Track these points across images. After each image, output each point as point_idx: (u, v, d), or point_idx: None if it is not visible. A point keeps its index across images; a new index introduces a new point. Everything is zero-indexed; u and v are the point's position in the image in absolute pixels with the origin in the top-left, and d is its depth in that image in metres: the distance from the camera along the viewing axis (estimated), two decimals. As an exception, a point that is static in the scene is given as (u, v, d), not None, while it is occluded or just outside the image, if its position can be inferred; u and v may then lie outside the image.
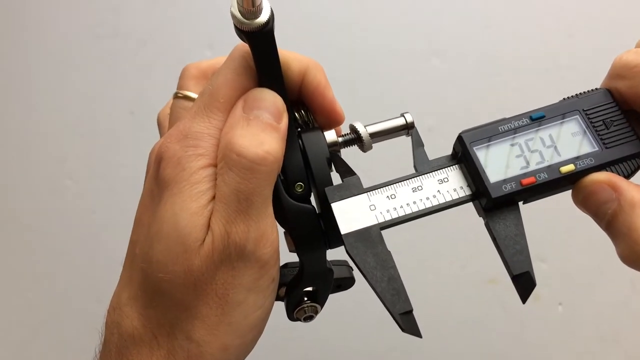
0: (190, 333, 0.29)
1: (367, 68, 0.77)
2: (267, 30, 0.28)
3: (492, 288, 0.72)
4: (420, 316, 0.30)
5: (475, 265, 0.72)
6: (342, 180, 0.31)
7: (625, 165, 0.30)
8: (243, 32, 0.29)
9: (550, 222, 0.71)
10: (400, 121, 0.33)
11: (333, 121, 0.33)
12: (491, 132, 0.31)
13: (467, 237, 0.72)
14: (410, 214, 0.31)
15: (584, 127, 0.31)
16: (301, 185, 0.31)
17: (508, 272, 0.30)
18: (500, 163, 0.31)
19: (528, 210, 0.29)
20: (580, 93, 0.32)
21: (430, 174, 0.32)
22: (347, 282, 0.38)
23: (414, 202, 0.31)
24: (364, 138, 0.32)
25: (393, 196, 0.31)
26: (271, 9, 0.28)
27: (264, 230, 0.29)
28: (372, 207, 0.31)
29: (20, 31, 0.86)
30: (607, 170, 0.30)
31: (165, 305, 0.29)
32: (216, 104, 0.30)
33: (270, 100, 0.30)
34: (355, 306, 0.72)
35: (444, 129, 0.73)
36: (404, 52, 0.77)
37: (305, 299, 0.35)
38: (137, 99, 0.81)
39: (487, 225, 0.31)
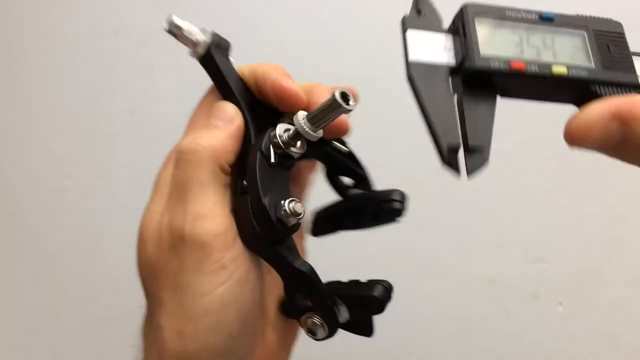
0: (157, 319, 0.32)
1: (367, 70, 0.77)
2: (207, 56, 0.35)
3: (492, 288, 0.72)
4: (420, 316, 0.30)
5: (475, 265, 0.72)
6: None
7: (615, 91, 0.29)
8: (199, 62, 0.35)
9: (550, 222, 0.71)
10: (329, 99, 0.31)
11: (289, 102, 0.34)
12: (497, 13, 0.29)
13: (467, 237, 0.72)
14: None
15: (588, 44, 0.29)
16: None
17: (463, 143, 0.27)
18: (496, 42, 0.29)
19: (528, 210, 0.29)
20: (595, 17, 0.31)
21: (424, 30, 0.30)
22: (371, 302, 0.34)
23: None
24: (298, 124, 0.32)
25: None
26: (211, 37, 0.35)
27: (200, 212, 0.31)
28: (447, 48, 0.29)
29: (20, 31, 0.86)
30: (596, 90, 0.28)
31: (145, 295, 0.34)
32: (191, 122, 0.36)
33: (221, 108, 0.34)
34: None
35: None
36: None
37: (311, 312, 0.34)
38: (137, 99, 0.81)
39: (459, 101, 0.28)
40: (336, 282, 0.35)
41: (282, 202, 0.30)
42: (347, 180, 0.40)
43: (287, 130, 0.32)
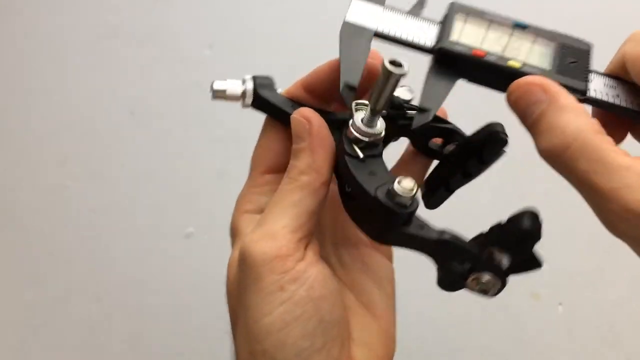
0: (235, 339, 0.33)
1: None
2: (256, 100, 0.37)
3: (492, 288, 0.72)
4: (420, 316, 0.30)
5: (475, 265, 0.72)
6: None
7: None
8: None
9: (550, 222, 0.71)
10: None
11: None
12: (476, 13, 0.34)
13: (467, 237, 0.72)
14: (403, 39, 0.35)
15: (552, 53, 0.33)
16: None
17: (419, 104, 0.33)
18: (466, 33, 0.33)
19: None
20: (568, 35, 0.34)
21: (413, 17, 0.35)
22: (524, 235, 0.31)
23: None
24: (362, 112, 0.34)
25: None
26: (253, 82, 0.37)
27: (267, 233, 0.31)
28: (380, 18, 0.35)
29: (20, 31, 0.86)
30: None
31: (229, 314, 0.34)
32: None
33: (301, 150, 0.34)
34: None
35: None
36: (403, 52, 0.77)
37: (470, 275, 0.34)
38: (137, 99, 0.81)
39: (427, 75, 0.34)
40: (479, 235, 0.35)
41: (390, 186, 0.30)
42: (438, 141, 0.40)
43: (354, 123, 0.32)
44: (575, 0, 0.81)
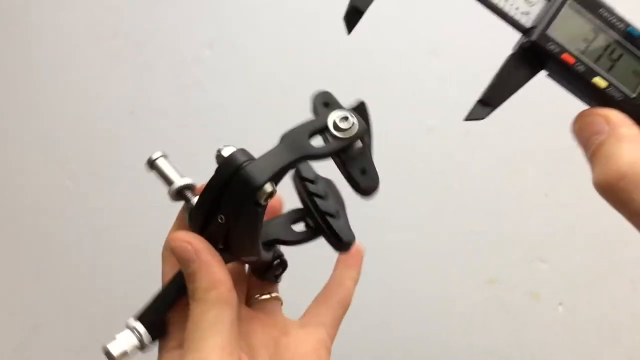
0: None
1: (366, 68, 0.77)
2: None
3: (492, 288, 0.72)
4: (420, 315, 0.30)
5: (475, 265, 0.72)
6: None
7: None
8: None
9: (550, 222, 0.71)
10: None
11: None
12: (593, 5, 0.31)
13: (467, 237, 0.72)
14: None
15: None
16: None
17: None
18: (568, 29, 0.30)
19: (528, 210, 0.29)
20: None
21: None
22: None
23: None
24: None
25: None
26: None
27: None
28: None
29: (20, 31, 0.86)
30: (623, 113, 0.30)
31: None
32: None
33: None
34: (354, 306, 0.72)
35: (444, 129, 0.73)
36: (403, 52, 0.77)
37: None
38: (137, 99, 0.81)
39: (509, 57, 0.31)
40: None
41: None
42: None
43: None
44: None
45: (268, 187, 0.31)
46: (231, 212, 0.32)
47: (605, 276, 0.71)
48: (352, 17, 0.32)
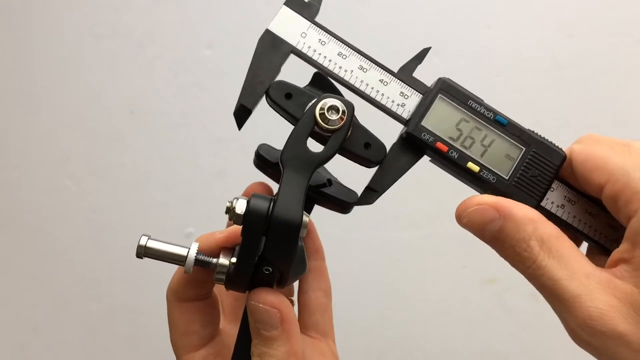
0: None
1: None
2: None
3: (492, 288, 0.72)
4: (420, 315, 0.30)
5: (475, 265, 0.72)
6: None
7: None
8: None
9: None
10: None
11: None
12: (462, 98, 0.34)
13: (467, 237, 0.72)
14: (325, 67, 0.34)
15: (518, 159, 0.33)
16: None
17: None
18: (442, 119, 0.33)
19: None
20: (547, 139, 0.33)
21: (399, 80, 0.35)
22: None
23: (346, 70, 0.34)
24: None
25: (342, 54, 0.35)
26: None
27: None
28: (303, 35, 0.34)
29: (20, 31, 0.86)
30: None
31: None
32: None
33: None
34: (355, 306, 0.72)
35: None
36: (403, 52, 0.77)
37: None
38: (137, 99, 0.81)
39: (392, 146, 0.34)
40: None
41: None
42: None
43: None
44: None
45: (306, 219, 0.31)
46: (281, 260, 0.31)
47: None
48: (241, 115, 0.34)
